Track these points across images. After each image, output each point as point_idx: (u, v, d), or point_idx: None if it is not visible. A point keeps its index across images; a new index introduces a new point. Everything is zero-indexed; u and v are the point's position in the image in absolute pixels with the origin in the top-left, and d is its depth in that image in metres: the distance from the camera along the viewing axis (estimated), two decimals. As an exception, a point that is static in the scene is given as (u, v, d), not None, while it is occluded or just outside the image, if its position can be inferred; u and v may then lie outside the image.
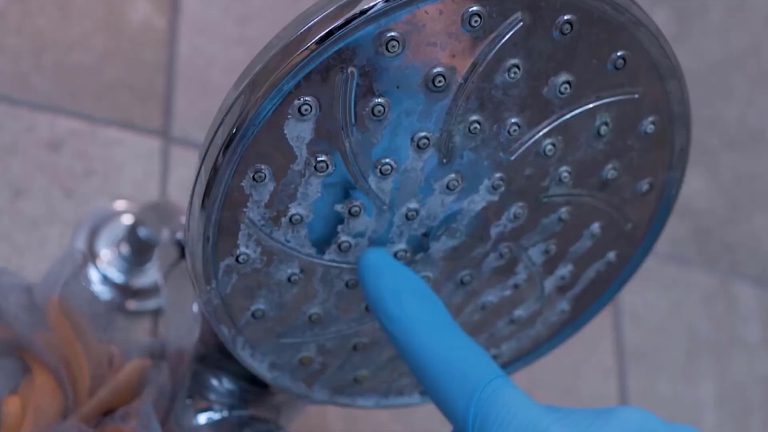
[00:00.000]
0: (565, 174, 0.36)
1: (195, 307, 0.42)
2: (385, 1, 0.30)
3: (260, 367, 0.38)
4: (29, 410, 0.42)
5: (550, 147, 0.35)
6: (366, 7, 0.30)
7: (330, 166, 0.32)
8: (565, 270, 0.39)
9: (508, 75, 0.32)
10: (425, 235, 0.36)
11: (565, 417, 0.29)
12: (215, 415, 0.42)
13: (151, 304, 0.54)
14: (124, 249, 0.55)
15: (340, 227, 0.34)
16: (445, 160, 0.34)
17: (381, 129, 0.32)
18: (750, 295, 0.73)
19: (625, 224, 0.38)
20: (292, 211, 0.33)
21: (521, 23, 0.31)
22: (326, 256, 0.35)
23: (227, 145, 0.31)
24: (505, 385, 0.31)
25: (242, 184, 0.32)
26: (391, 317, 0.33)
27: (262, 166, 0.32)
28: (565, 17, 0.32)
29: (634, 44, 0.33)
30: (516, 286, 0.39)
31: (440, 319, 0.33)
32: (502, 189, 0.35)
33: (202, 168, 0.32)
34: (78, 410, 0.43)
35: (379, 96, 0.31)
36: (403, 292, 0.33)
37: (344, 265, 0.35)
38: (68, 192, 0.56)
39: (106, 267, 0.54)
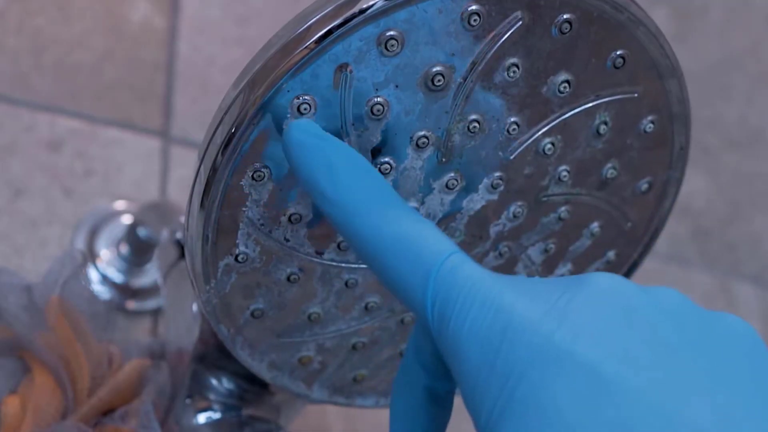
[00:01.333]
0: (565, 173, 0.36)
1: (194, 307, 0.42)
2: (384, 0, 0.30)
3: (259, 367, 0.38)
4: (29, 410, 0.42)
5: (549, 146, 0.35)
6: (365, 6, 0.30)
7: (329, 166, 0.32)
8: (564, 269, 0.39)
9: (508, 74, 0.32)
10: None
11: (531, 290, 0.27)
12: (215, 415, 0.42)
13: (150, 304, 0.55)
14: (124, 249, 0.55)
15: (339, 226, 0.34)
16: (444, 160, 0.34)
17: (380, 128, 0.32)
18: (750, 295, 0.73)
19: (624, 223, 0.38)
20: (291, 210, 0.33)
21: (520, 22, 0.31)
22: (325, 256, 0.35)
23: (226, 144, 0.31)
24: (463, 261, 0.28)
25: (241, 183, 0.32)
26: (327, 198, 0.29)
27: (261, 166, 0.32)
28: (565, 16, 0.32)
29: (633, 43, 0.33)
30: (515, 286, 0.39)
31: (383, 195, 0.29)
32: (502, 188, 0.35)
33: (202, 167, 0.32)
34: (78, 410, 0.43)
35: (378, 95, 0.31)
36: (337, 167, 0.29)
37: (343, 265, 0.35)
38: (68, 192, 0.56)
39: (106, 267, 0.54)
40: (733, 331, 0.26)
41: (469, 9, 0.31)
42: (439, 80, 0.31)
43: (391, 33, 0.30)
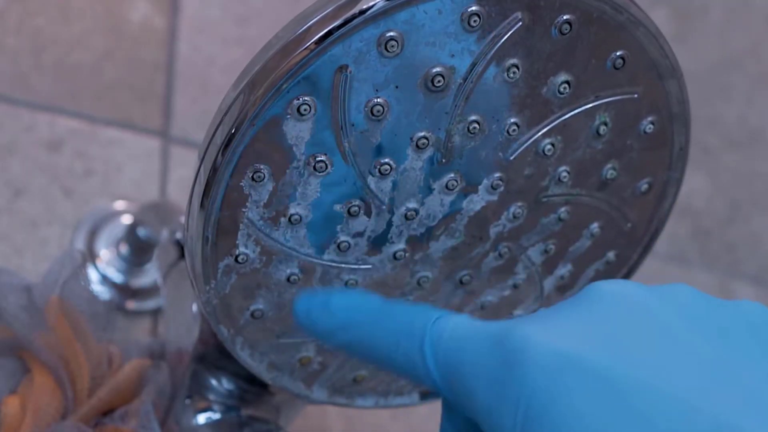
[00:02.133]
0: (565, 174, 0.36)
1: (194, 307, 0.42)
2: (385, 1, 0.30)
3: (259, 367, 0.38)
4: (29, 410, 0.42)
5: (549, 147, 0.35)
6: (365, 7, 0.30)
7: (329, 166, 0.32)
8: (564, 270, 0.39)
9: (507, 75, 0.32)
10: (424, 235, 0.36)
11: (527, 317, 0.27)
12: (214, 415, 0.42)
13: (150, 304, 0.55)
14: (124, 249, 0.55)
15: (339, 227, 0.34)
16: (444, 160, 0.34)
17: (380, 129, 0.32)
18: (750, 295, 0.73)
19: (624, 224, 0.38)
20: (291, 211, 0.33)
21: (520, 23, 0.31)
22: (325, 256, 0.35)
23: (226, 144, 0.31)
24: (450, 318, 0.29)
25: (241, 183, 0.32)
26: (329, 332, 0.31)
27: (261, 166, 0.32)
28: (565, 17, 0.32)
29: (633, 44, 0.33)
30: (515, 286, 0.39)
31: (374, 306, 0.31)
32: (501, 189, 0.35)
33: (202, 167, 0.32)
34: (77, 410, 0.43)
35: (378, 96, 0.31)
36: (333, 308, 0.31)
37: (343, 265, 0.35)
38: (68, 192, 0.56)
39: (106, 267, 0.54)
40: (750, 319, 0.26)
41: (469, 10, 0.31)
42: (439, 81, 0.31)
43: (391, 34, 0.30)
